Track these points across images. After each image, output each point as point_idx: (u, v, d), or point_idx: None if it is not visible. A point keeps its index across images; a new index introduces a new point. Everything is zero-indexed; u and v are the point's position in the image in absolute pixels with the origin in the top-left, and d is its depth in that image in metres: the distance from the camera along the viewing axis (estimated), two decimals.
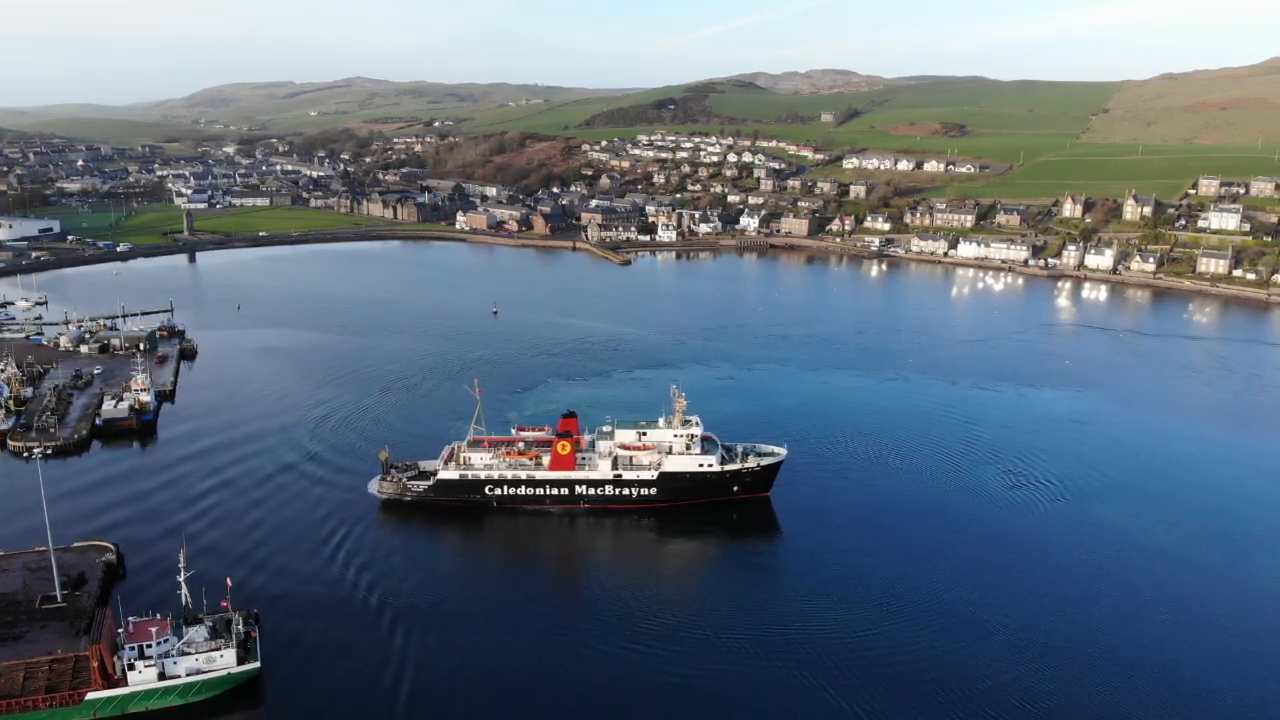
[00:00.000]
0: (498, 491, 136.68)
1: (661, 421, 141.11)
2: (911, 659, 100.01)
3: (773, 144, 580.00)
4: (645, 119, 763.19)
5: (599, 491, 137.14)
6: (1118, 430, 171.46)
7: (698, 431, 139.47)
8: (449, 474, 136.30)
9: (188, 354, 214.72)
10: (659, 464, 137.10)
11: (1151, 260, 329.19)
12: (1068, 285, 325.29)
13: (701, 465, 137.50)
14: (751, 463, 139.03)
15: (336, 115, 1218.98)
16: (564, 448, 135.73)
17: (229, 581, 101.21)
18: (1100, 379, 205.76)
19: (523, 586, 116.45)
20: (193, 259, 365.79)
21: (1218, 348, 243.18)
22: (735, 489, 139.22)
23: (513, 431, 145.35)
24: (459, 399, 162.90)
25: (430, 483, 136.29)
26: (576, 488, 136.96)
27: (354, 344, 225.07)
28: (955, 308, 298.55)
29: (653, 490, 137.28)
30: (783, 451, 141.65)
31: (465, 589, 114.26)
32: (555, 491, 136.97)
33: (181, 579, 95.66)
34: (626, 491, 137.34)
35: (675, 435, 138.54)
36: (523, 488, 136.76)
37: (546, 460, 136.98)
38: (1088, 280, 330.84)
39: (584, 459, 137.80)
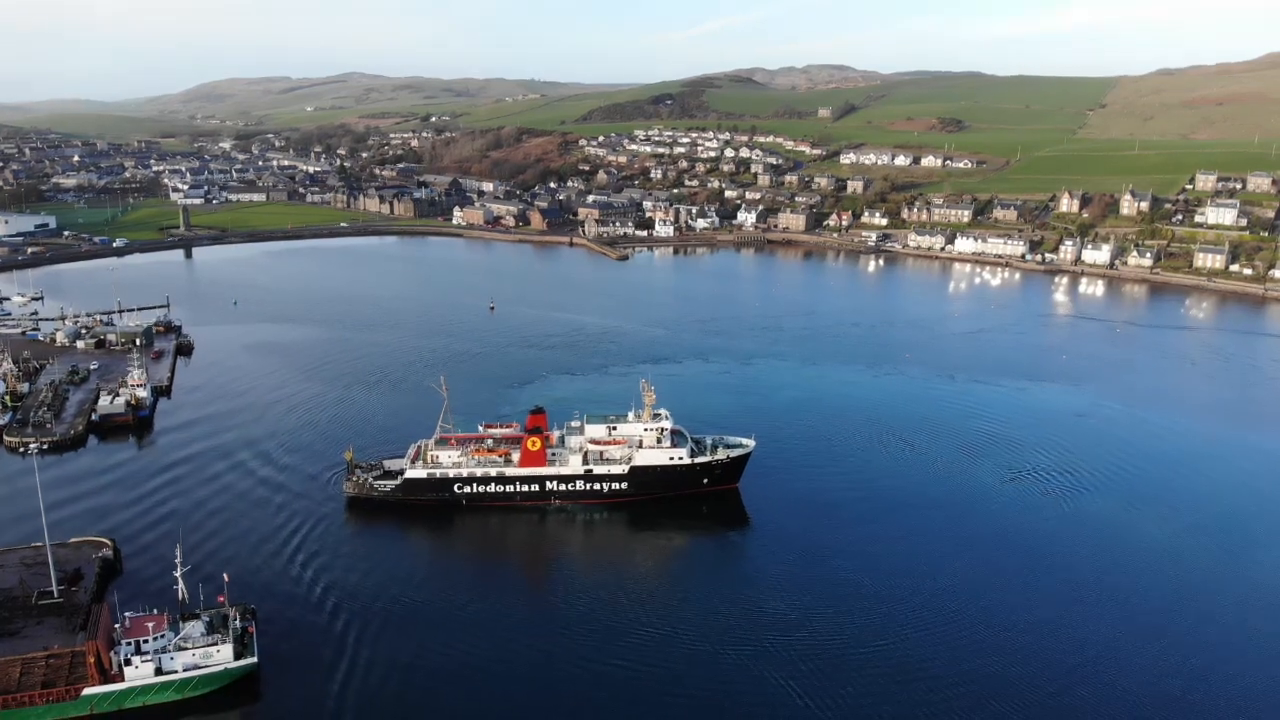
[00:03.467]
0: (467, 490, 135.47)
1: (631, 415, 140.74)
2: (878, 653, 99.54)
3: (770, 139, 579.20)
4: (642, 114, 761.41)
5: (570, 487, 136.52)
6: (1117, 425, 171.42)
7: (668, 425, 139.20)
8: (417, 473, 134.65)
9: (184, 349, 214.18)
10: (630, 458, 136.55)
11: (1148, 255, 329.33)
12: (1065, 280, 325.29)
13: (672, 458, 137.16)
14: (721, 455, 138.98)
15: (333, 110, 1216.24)
16: (534, 444, 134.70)
17: (226, 577, 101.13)
18: (1099, 373, 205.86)
19: (496, 586, 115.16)
20: (189, 254, 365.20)
21: (1215, 342, 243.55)
22: (705, 481, 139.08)
23: (480, 428, 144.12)
24: (449, 397, 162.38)
25: (397, 482, 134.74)
26: (547, 484, 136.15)
27: (349, 339, 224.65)
28: (952, 303, 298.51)
29: (624, 485, 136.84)
30: (750, 443, 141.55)
31: (441, 590, 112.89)
32: (526, 488, 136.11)
33: (178, 574, 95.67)
34: (597, 486, 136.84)
35: (645, 429, 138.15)
36: (492, 485, 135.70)
37: (516, 457, 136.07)
38: (1085, 275, 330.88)
39: (554, 455, 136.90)
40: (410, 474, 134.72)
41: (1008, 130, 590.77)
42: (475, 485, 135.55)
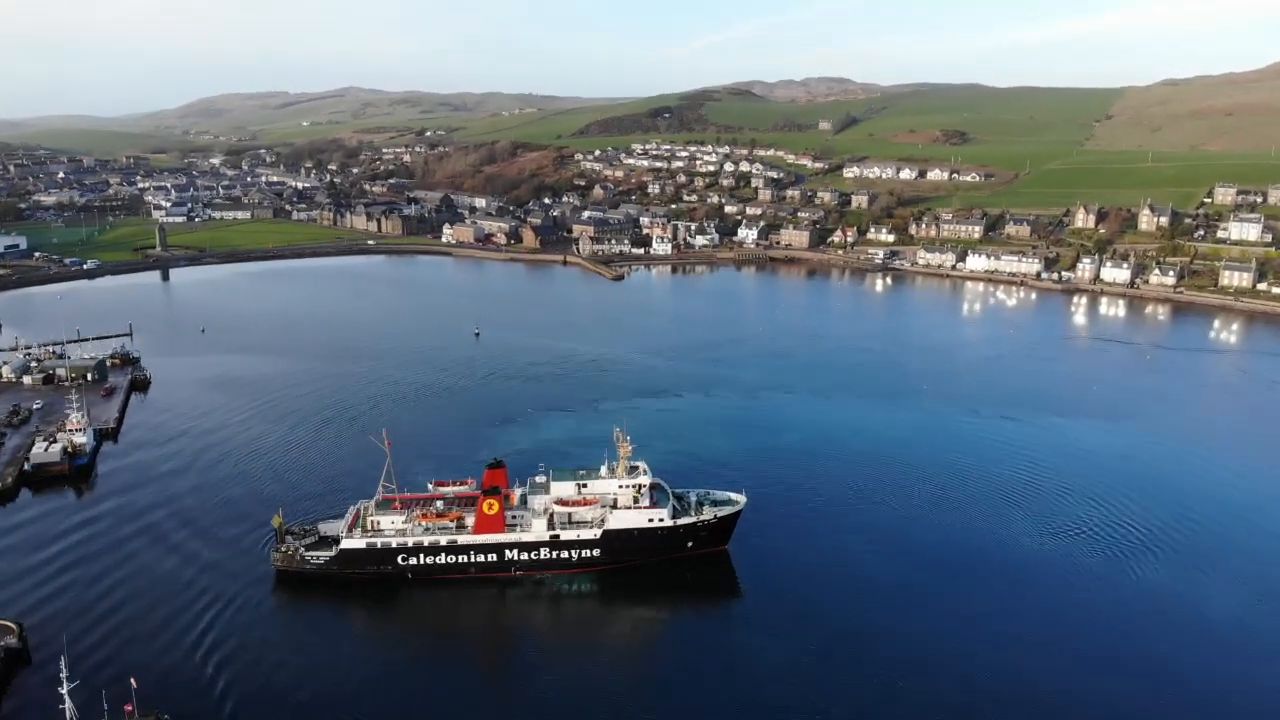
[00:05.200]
0: (413, 561, 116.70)
1: (604, 469, 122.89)
2: None
3: (770, 153, 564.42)
4: (640, 128, 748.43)
5: (533, 556, 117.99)
6: (1167, 470, 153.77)
7: (645, 480, 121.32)
8: (354, 542, 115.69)
9: (140, 385, 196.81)
10: (602, 520, 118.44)
11: (1171, 273, 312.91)
12: (1084, 300, 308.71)
13: (651, 520, 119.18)
14: (708, 514, 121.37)
15: (329, 125, 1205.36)
16: (491, 506, 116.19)
17: (134, 682, 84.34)
18: (1136, 406, 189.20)
19: (445, 677, 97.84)
20: (165, 276, 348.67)
21: (1253, 366, 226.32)
22: (690, 544, 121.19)
23: (430, 486, 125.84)
24: (419, 440, 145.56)
25: (332, 553, 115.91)
26: (507, 553, 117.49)
27: (322, 373, 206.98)
28: (967, 325, 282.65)
29: (596, 552, 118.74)
30: (741, 499, 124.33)
31: (377, 683, 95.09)
32: (482, 559, 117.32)
33: (64, 690, 78.71)
34: (565, 554, 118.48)
35: (620, 485, 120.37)
36: (443, 556, 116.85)
37: (470, 521, 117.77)
38: (1104, 295, 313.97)
39: (515, 518, 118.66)
40: (347, 544, 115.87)
41: (1012, 142, 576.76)
42: (422, 556, 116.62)
